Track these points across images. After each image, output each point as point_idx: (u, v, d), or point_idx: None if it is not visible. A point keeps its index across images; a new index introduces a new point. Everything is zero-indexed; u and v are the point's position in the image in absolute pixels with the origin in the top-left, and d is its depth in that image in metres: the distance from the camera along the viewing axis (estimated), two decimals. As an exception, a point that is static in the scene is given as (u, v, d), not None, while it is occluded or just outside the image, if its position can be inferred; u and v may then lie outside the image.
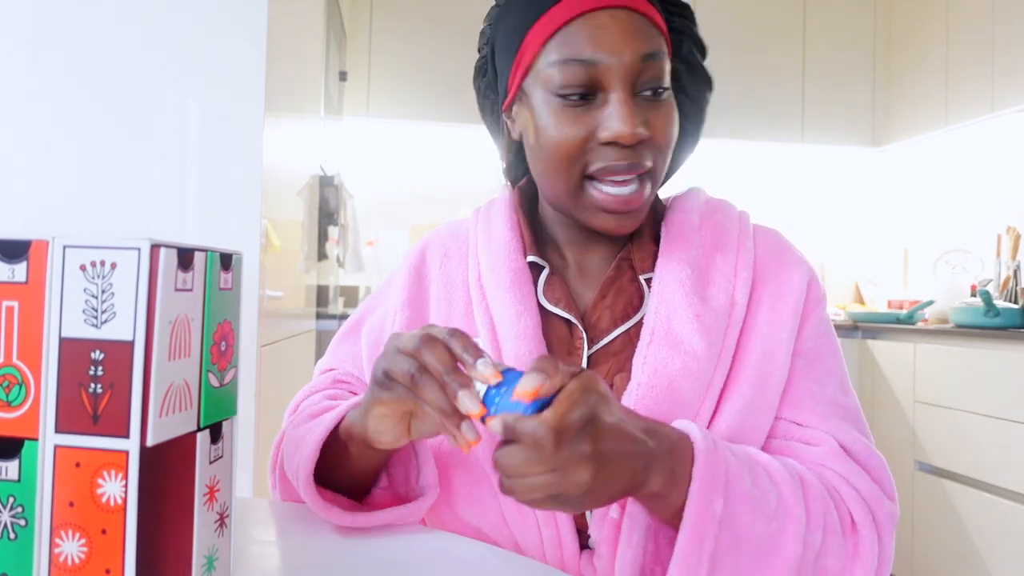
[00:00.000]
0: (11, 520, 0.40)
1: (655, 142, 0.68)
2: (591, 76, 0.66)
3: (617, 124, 0.66)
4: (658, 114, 0.68)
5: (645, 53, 0.66)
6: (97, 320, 0.39)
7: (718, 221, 0.78)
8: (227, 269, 0.46)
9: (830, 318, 0.78)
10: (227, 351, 0.46)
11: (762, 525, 0.60)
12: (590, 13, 0.67)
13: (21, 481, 0.40)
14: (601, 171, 0.68)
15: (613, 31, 0.66)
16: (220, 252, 0.45)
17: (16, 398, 0.39)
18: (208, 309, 0.43)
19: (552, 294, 0.75)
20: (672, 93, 0.71)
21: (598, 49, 0.66)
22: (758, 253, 0.76)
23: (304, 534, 0.65)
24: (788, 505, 0.61)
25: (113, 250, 0.39)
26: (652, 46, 0.67)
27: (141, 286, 0.38)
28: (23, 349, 0.39)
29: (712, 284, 0.73)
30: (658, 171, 0.70)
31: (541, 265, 0.77)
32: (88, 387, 0.39)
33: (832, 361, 0.75)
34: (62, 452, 0.39)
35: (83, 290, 0.39)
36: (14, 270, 0.40)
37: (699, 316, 0.70)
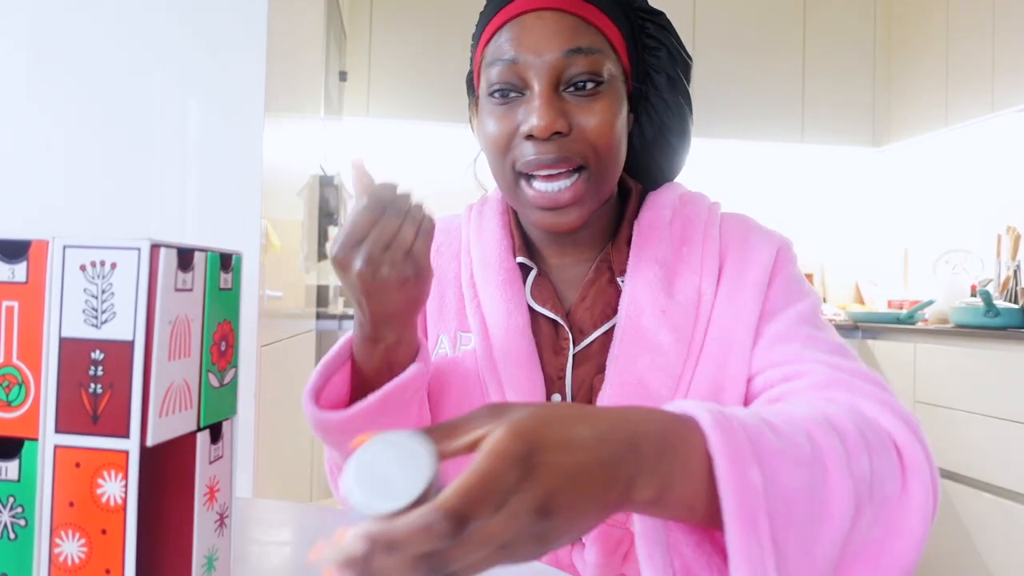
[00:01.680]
0: (11, 520, 0.40)
1: (584, 136, 0.69)
2: (516, 74, 0.70)
3: (533, 118, 0.68)
4: (586, 109, 0.69)
5: (569, 49, 0.68)
6: (97, 320, 0.39)
7: (688, 215, 0.78)
8: (227, 269, 0.46)
9: (800, 277, 0.76)
10: (227, 351, 0.46)
11: (806, 475, 0.47)
12: (518, 17, 0.71)
13: (21, 481, 0.40)
14: (526, 166, 0.70)
15: (536, 31, 0.69)
16: (220, 252, 0.45)
17: (16, 398, 0.39)
18: (208, 309, 0.43)
19: (539, 294, 0.77)
20: (616, 89, 0.72)
21: (520, 48, 0.69)
22: (723, 240, 0.76)
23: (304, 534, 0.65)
24: (820, 441, 0.50)
25: (113, 250, 0.39)
26: (580, 42, 0.69)
27: (141, 286, 0.38)
28: (23, 349, 0.39)
29: (679, 278, 0.74)
30: (597, 166, 0.70)
31: (529, 266, 0.79)
32: (88, 387, 0.39)
33: (802, 305, 0.72)
34: (62, 452, 0.39)
35: (83, 290, 0.39)
36: (14, 270, 0.40)
37: (665, 312, 0.71)
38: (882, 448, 0.52)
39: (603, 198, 0.74)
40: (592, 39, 0.70)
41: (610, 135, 0.70)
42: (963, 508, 2.42)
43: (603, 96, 0.70)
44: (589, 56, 0.69)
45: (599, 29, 0.71)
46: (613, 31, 0.72)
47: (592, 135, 0.69)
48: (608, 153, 0.71)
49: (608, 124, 0.70)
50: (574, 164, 0.70)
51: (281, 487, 1.65)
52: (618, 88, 0.72)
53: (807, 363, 0.65)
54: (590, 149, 0.70)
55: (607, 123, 0.70)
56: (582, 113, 0.69)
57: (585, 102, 0.70)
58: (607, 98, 0.70)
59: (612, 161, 0.72)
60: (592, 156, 0.70)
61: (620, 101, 0.72)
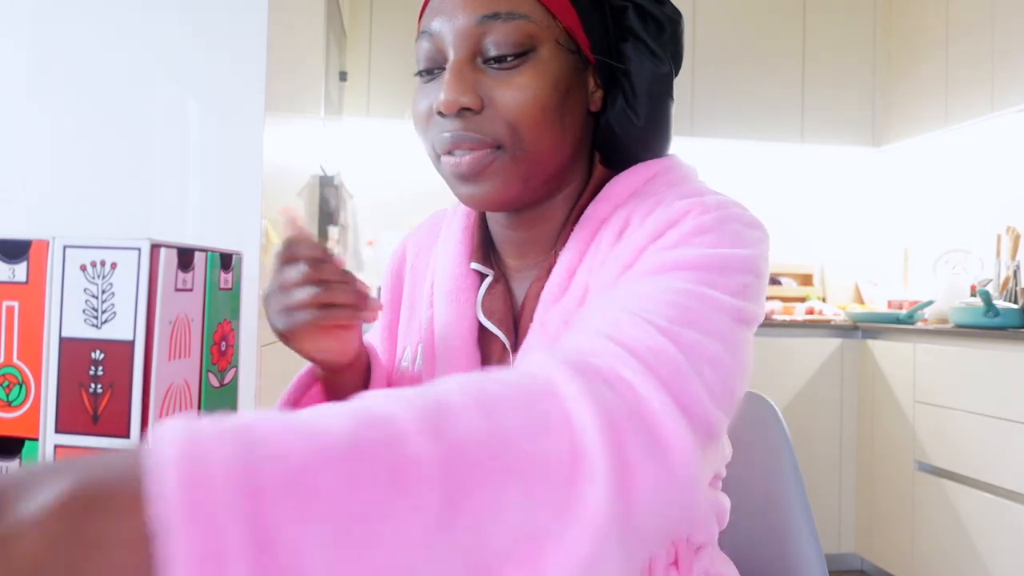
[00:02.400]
0: None
1: (499, 113, 0.61)
2: (434, 47, 0.64)
3: (440, 93, 0.61)
4: (504, 82, 0.61)
5: (483, 15, 0.60)
6: (97, 320, 0.39)
7: (635, 204, 0.65)
8: (227, 269, 0.46)
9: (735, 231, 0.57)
10: (227, 351, 0.46)
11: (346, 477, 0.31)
12: None
13: None
14: (438, 143, 0.63)
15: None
16: (220, 252, 0.45)
17: (16, 398, 0.40)
18: (208, 309, 0.43)
19: (490, 304, 0.70)
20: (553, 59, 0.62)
21: (437, 17, 0.63)
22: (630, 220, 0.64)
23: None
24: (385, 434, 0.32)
25: (113, 250, 0.39)
26: (497, 7, 0.60)
27: (141, 286, 0.38)
28: (23, 349, 0.39)
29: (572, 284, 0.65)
30: (516, 147, 0.61)
31: (485, 273, 0.72)
32: (88, 387, 0.39)
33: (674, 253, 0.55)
34: (62, 452, 0.39)
35: (83, 290, 0.39)
36: (14, 270, 0.40)
37: (544, 325, 0.63)
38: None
39: (534, 178, 0.64)
40: (516, 3, 0.61)
41: (532, 111, 0.60)
42: (963, 508, 2.42)
43: (527, 68, 0.61)
44: (508, 22, 0.60)
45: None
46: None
47: (509, 111, 0.60)
48: (530, 130, 0.61)
49: (532, 99, 0.60)
50: (487, 144, 0.61)
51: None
52: (558, 58, 0.62)
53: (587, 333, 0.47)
54: (506, 126, 0.61)
55: (529, 98, 0.60)
56: (500, 87, 0.61)
57: (503, 75, 0.61)
58: (533, 69, 0.61)
59: (537, 139, 0.61)
60: (508, 135, 0.61)
61: (556, 73, 0.62)
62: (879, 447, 2.85)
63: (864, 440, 2.94)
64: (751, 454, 0.91)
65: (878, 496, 2.85)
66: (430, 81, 0.65)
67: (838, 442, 2.97)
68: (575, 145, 0.66)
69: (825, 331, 2.99)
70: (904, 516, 2.69)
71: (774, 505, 0.88)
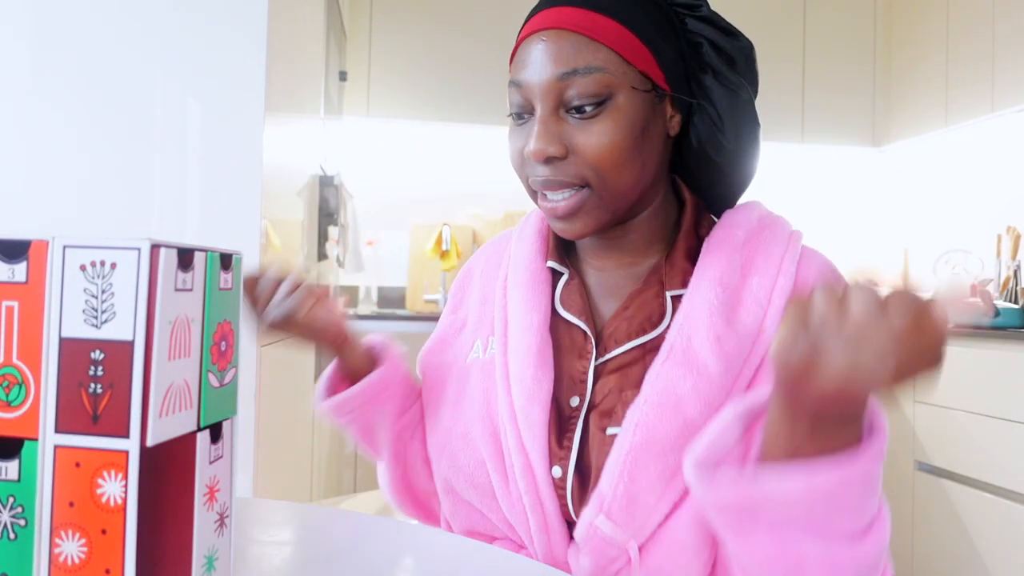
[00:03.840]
0: (11, 520, 0.40)
1: (583, 159, 0.69)
2: (524, 96, 0.71)
3: (530, 143, 0.69)
4: (585, 130, 0.69)
5: (563, 72, 0.68)
6: (97, 320, 0.39)
7: (764, 240, 0.75)
8: (227, 269, 0.46)
9: None
10: (227, 351, 0.46)
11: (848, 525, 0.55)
12: (527, 39, 0.71)
13: (21, 481, 0.40)
14: (534, 185, 0.72)
15: (536, 54, 0.69)
16: (220, 252, 0.45)
17: (16, 398, 0.39)
18: (208, 309, 0.43)
19: (568, 299, 0.77)
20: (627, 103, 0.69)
21: (524, 71, 0.70)
22: (799, 279, 0.72)
23: (304, 534, 0.65)
24: None
25: (113, 250, 0.39)
26: (576, 63, 0.68)
27: (141, 286, 0.38)
28: (23, 349, 0.39)
29: (742, 307, 0.71)
30: (600, 185, 0.70)
31: (561, 271, 0.80)
32: (88, 387, 0.39)
33: None
34: (62, 452, 0.39)
35: (83, 290, 0.39)
36: (14, 270, 0.40)
37: (720, 339, 0.68)
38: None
39: (618, 210, 0.72)
40: (592, 57, 0.68)
41: (612, 154, 0.69)
42: (963, 508, 2.42)
43: (605, 115, 0.69)
44: (587, 76, 0.68)
45: (604, 43, 0.68)
46: (627, 39, 0.69)
47: (591, 157, 0.69)
48: (612, 172, 0.69)
49: (609, 144, 0.68)
50: (573, 184, 0.70)
51: (281, 487, 1.66)
52: (634, 100, 0.69)
53: None
54: (590, 170, 0.69)
55: (608, 144, 0.68)
56: (582, 135, 0.69)
57: (584, 124, 0.69)
58: (610, 117, 0.69)
59: (618, 178, 0.70)
60: (593, 176, 0.70)
61: (633, 115, 0.69)
62: (879, 447, 2.84)
63: (864, 440, 2.93)
64: (751, 454, 0.91)
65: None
66: (521, 124, 0.73)
67: (838, 442, 2.97)
68: (656, 171, 0.74)
69: (825, 331, 2.98)
70: (904, 516, 2.69)
71: None
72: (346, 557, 0.60)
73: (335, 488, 2.64)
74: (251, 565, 0.56)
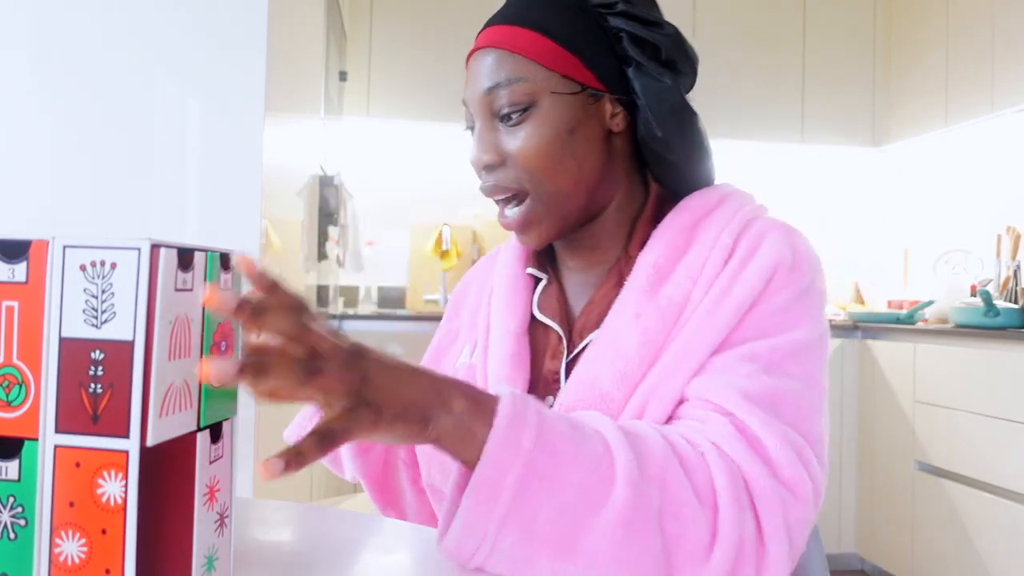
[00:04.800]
0: (11, 520, 0.40)
1: (517, 163, 0.73)
2: (468, 112, 0.77)
3: (470, 153, 0.76)
4: (513, 137, 0.73)
5: (489, 86, 0.73)
6: (97, 320, 0.39)
7: (715, 217, 0.75)
8: (227, 269, 0.46)
9: (795, 306, 0.69)
10: (227, 351, 0.46)
11: (586, 464, 0.53)
12: (469, 61, 0.78)
13: (21, 481, 0.40)
14: (483, 193, 0.77)
15: (472, 72, 0.76)
16: (220, 252, 0.45)
17: (16, 398, 0.39)
18: (208, 309, 0.43)
19: (545, 303, 0.81)
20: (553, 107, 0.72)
21: (465, 90, 0.77)
22: (734, 248, 0.72)
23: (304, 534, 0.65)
24: (615, 450, 0.54)
25: (113, 250, 0.39)
26: (497, 77, 0.73)
27: (141, 286, 0.38)
28: (23, 349, 0.39)
29: (670, 281, 0.72)
30: (537, 189, 0.73)
31: (539, 276, 0.83)
32: (88, 387, 0.39)
33: (773, 340, 0.67)
34: (62, 452, 0.39)
35: (83, 290, 0.39)
36: (14, 270, 0.40)
37: (639, 315, 0.71)
38: (690, 492, 0.55)
39: (568, 213, 0.75)
40: (512, 69, 0.72)
41: (540, 157, 0.72)
42: (963, 508, 2.42)
43: (530, 121, 0.72)
44: (508, 88, 0.72)
45: (525, 55, 0.72)
46: (546, 47, 0.72)
47: (521, 161, 0.73)
48: (544, 173, 0.73)
49: (536, 147, 0.72)
50: (513, 190, 0.74)
51: (281, 487, 1.66)
52: (558, 104, 0.72)
53: (720, 414, 0.63)
54: (524, 173, 0.73)
55: (534, 147, 0.72)
56: (512, 141, 0.73)
57: (513, 131, 0.73)
58: (534, 122, 0.72)
59: (552, 179, 0.73)
60: (528, 179, 0.73)
61: (558, 118, 0.72)
62: (879, 447, 2.85)
63: (864, 440, 2.94)
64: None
65: (878, 496, 2.85)
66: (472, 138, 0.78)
67: (838, 442, 2.97)
68: (599, 168, 0.76)
69: (825, 331, 2.98)
70: (904, 516, 2.69)
71: None
72: (346, 557, 0.60)
73: (335, 488, 2.64)
74: (251, 565, 0.56)
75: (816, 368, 0.68)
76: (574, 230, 0.78)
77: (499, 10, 0.77)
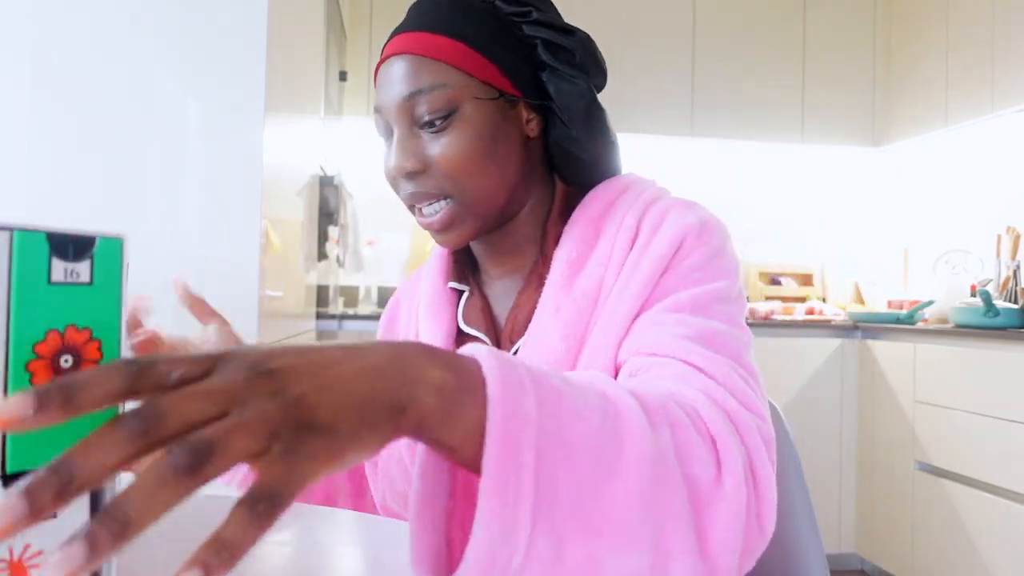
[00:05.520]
0: None
1: (440, 169, 0.73)
2: (384, 120, 0.76)
3: (390, 160, 0.75)
4: (436, 144, 0.73)
5: (410, 92, 0.72)
6: None
7: (619, 205, 0.76)
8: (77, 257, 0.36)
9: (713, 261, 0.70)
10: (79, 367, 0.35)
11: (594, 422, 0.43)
12: (380, 66, 0.76)
13: None
14: (403, 200, 0.77)
15: (387, 78, 0.74)
16: (50, 232, 0.35)
17: None
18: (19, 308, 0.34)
19: (470, 315, 0.81)
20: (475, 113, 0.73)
21: (379, 96, 0.75)
22: (639, 229, 0.73)
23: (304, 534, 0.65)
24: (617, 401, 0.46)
25: None
26: (419, 84, 0.72)
27: None
28: None
29: (583, 273, 0.73)
30: (460, 193, 0.73)
31: (461, 289, 0.83)
32: None
33: (695, 289, 0.68)
34: None
35: None
36: None
37: (559, 309, 0.72)
38: (692, 430, 0.49)
39: (487, 215, 0.75)
40: (433, 75, 0.72)
41: (464, 163, 0.73)
42: (963, 508, 2.42)
43: (453, 127, 0.73)
44: (431, 94, 0.72)
45: (444, 61, 0.73)
46: (465, 54, 0.73)
47: (445, 167, 0.73)
48: (468, 179, 0.73)
49: (460, 153, 0.72)
50: (436, 196, 0.74)
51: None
52: (480, 110, 0.73)
53: (662, 357, 0.62)
54: (447, 180, 0.73)
55: (459, 153, 0.72)
56: (435, 148, 0.73)
57: (435, 137, 0.73)
58: (458, 128, 0.73)
59: (476, 184, 0.73)
60: (451, 186, 0.73)
61: (481, 124, 0.73)
62: (879, 447, 2.85)
63: (864, 440, 2.94)
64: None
65: (878, 496, 2.85)
66: (387, 145, 0.77)
67: (838, 442, 2.97)
68: (518, 172, 0.77)
69: (825, 331, 2.99)
70: (904, 516, 2.69)
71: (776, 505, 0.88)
72: (346, 557, 0.60)
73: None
74: (251, 565, 0.56)
75: (738, 315, 0.68)
76: (491, 231, 0.78)
77: (408, 18, 0.76)
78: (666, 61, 3.30)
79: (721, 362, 0.60)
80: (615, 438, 0.43)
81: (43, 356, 0.34)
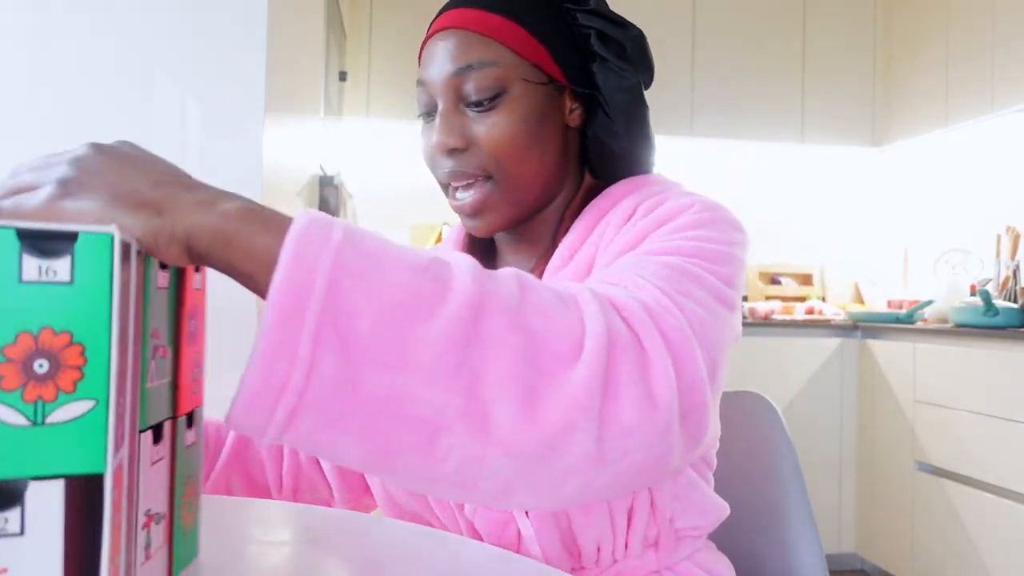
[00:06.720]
0: None
1: (483, 149, 0.72)
2: (428, 94, 0.75)
3: (433, 136, 0.74)
4: (483, 122, 0.72)
5: (459, 68, 0.71)
6: None
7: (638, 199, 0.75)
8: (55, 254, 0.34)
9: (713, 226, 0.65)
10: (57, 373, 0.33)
11: (417, 266, 0.44)
12: (428, 40, 0.75)
13: None
14: (441, 178, 0.76)
15: (435, 53, 0.74)
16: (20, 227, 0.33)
17: None
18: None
19: None
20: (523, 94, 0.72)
21: (426, 71, 0.75)
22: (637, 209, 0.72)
23: (304, 534, 0.65)
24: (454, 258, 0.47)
25: None
26: (469, 59, 0.71)
27: None
28: None
29: (578, 255, 0.73)
30: (501, 175, 0.73)
31: None
32: None
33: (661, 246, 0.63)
34: None
35: None
36: None
37: None
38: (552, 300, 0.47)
39: (523, 202, 0.75)
40: (484, 52, 0.71)
41: (510, 144, 0.72)
42: (963, 508, 2.42)
43: (502, 107, 0.72)
44: (481, 71, 0.71)
45: (497, 40, 0.71)
46: (519, 35, 0.72)
47: (490, 147, 0.72)
48: (511, 161, 0.72)
49: (506, 134, 0.72)
50: (476, 176, 0.73)
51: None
52: (528, 93, 0.72)
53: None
54: (491, 160, 0.72)
55: (505, 134, 0.72)
56: (480, 127, 0.72)
57: (482, 116, 0.72)
58: (506, 108, 0.72)
59: (518, 167, 0.73)
60: (494, 166, 0.72)
61: (528, 107, 0.72)
62: (879, 447, 2.85)
63: (864, 440, 2.94)
64: (751, 454, 0.91)
65: (878, 496, 2.85)
66: (429, 122, 0.76)
67: (838, 442, 2.97)
68: (557, 162, 0.76)
69: (825, 331, 2.99)
70: (904, 516, 2.70)
71: (774, 505, 0.88)
72: (346, 557, 0.60)
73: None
74: (251, 565, 0.56)
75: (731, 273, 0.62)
76: (521, 222, 0.77)
77: None
78: (666, 61, 3.30)
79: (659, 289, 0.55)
80: (439, 282, 0.43)
81: (13, 359, 0.32)
